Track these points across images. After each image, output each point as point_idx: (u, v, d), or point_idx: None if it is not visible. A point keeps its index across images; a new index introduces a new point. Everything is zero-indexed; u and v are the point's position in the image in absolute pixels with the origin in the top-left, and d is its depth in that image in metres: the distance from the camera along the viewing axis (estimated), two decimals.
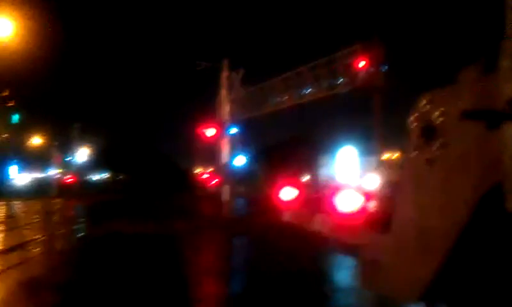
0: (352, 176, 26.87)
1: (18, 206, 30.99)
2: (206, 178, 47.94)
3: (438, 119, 3.00)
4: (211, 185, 42.23)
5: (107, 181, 79.09)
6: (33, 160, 62.46)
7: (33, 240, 14.50)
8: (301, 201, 19.23)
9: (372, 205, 14.37)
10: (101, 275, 9.47)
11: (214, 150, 27.85)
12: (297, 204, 20.59)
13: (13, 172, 55.65)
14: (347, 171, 29.11)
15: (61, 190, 49.62)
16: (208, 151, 36.91)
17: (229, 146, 25.86)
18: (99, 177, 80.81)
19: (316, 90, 21.55)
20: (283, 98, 23.51)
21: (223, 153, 25.85)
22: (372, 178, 21.14)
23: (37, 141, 56.27)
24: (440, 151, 2.96)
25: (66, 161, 59.98)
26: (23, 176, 60.98)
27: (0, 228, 18.58)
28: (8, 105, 42.58)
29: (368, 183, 20.55)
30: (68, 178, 57.35)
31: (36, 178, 63.23)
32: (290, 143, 53.72)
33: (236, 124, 25.96)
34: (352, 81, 19.57)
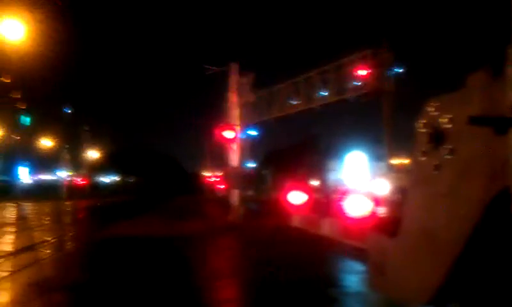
0: (361, 181, 26.81)
1: (29, 208, 31.26)
2: (215, 181, 48.07)
3: (446, 125, 3.03)
4: (220, 188, 42.37)
5: (118, 183, 79.55)
6: (44, 163, 62.93)
7: (44, 242, 14.68)
8: (310, 205, 19.21)
9: (382, 210, 14.38)
10: (111, 277, 9.55)
11: (223, 154, 27.86)
12: (306, 208, 20.60)
13: (24, 174, 56.11)
14: (356, 175, 29.04)
15: (72, 192, 50.00)
16: (217, 155, 37.02)
17: (239, 150, 25.87)
18: (109, 179, 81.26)
19: (325, 95, 21.53)
20: (292, 102, 23.51)
21: (233, 157, 25.86)
22: (382, 183, 21.09)
23: (48, 143, 56.64)
24: (448, 156, 2.99)
25: (76, 163, 60.32)
26: (33, 178, 61.45)
27: (11, 229, 18.81)
28: (19, 108, 43.00)
29: (378, 188, 20.50)
30: (79, 180, 57.71)
31: (46, 180, 63.68)
32: (299, 147, 53.69)
33: (245, 128, 25.97)
34: (361, 86, 19.54)
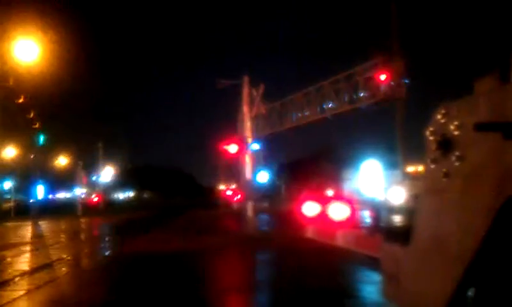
0: (377, 189, 26.67)
1: (45, 225, 31.54)
2: (229, 194, 48.14)
3: (454, 132, 3.01)
4: (235, 201, 42.42)
5: (133, 199, 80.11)
6: (59, 181, 63.54)
7: (61, 259, 14.78)
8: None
9: (397, 219, 14.26)
10: (129, 294, 9.57)
11: (237, 167, 27.92)
12: (321, 219, 20.53)
13: (40, 192, 56.69)
14: (372, 184, 28.90)
15: (87, 209, 50.37)
16: (231, 168, 37.11)
17: (252, 162, 25.89)
18: (124, 196, 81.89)
19: (337, 104, 21.46)
20: (305, 113, 23.51)
21: (246, 170, 25.89)
22: (397, 191, 20.92)
23: (63, 161, 57.29)
24: (457, 163, 2.96)
25: (91, 181, 60.83)
26: (50, 196, 62.03)
27: (28, 247, 18.99)
28: (34, 127, 43.51)
29: (394, 196, 20.33)
30: (94, 198, 58.15)
31: (62, 197, 64.32)
32: (313, 158, 53.60)
33: (258, 140, 26.01)
34: (373, 95, 19.41)
